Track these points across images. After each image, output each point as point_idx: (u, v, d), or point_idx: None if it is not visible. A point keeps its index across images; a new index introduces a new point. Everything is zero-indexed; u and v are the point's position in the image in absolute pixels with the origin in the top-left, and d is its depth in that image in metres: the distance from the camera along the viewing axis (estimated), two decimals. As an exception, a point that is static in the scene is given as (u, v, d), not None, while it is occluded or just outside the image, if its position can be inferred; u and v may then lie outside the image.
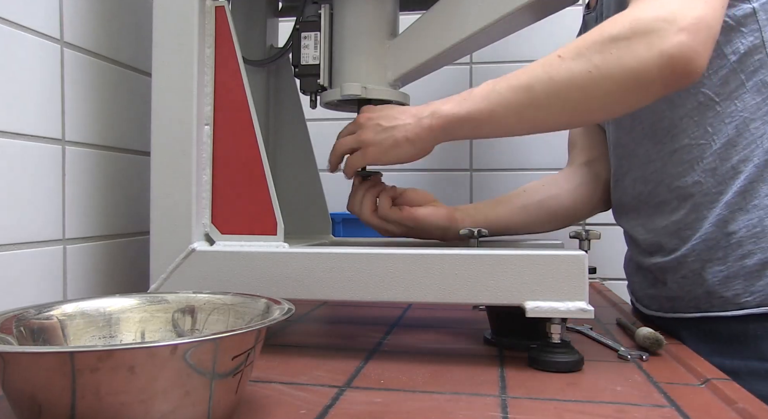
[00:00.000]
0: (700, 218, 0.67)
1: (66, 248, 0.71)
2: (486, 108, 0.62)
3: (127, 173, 0.83)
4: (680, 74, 0.56)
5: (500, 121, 0.62)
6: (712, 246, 0.66)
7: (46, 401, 0.36)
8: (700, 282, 0.68)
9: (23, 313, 0.46)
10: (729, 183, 0.65)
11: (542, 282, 0.56)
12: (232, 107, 0.66)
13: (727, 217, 0.65)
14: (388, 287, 0.59)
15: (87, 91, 0.75)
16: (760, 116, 0.64)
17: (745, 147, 0.65)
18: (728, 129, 0.65)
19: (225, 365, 0.39)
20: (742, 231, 0.65)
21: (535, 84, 0.60)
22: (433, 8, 0.72)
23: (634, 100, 0.60)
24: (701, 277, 0.67)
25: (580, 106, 0.60)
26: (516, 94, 0.61)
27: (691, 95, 0.67)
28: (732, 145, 0.65)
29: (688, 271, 0.68)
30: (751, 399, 0.48)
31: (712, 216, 0.66)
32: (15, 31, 0.63)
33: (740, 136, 0.65)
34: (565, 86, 0.59)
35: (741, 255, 0.65)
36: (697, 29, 0.56)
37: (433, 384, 0.53)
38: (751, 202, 0.64)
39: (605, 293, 1.05)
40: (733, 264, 0.65)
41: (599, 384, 0.53)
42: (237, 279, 0.62)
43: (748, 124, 0.64)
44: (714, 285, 0.66)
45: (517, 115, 0.62)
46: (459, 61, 1.23)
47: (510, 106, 0.61)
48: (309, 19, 0.77)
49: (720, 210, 0.66)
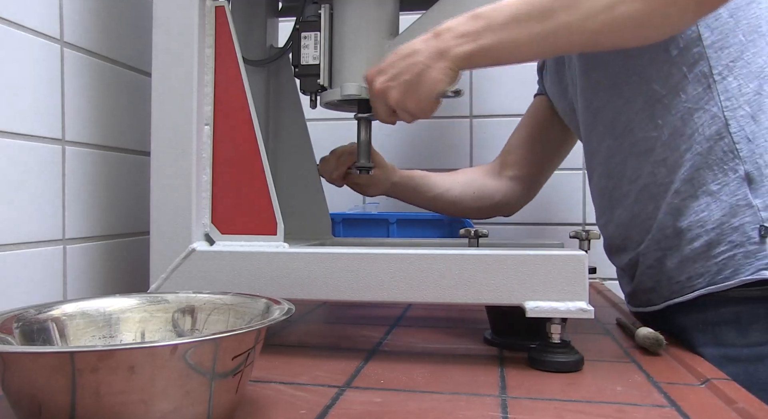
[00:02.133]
0: (656, 208, 0.69)
1: (66, 248, 0.71)
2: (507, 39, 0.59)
3: (127, 173, 0.83)
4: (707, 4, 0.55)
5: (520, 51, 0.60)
6: (668, 235, 0.69)
7: (46, 401, 0.36)
8: (662, 271, 0.70)
9: (23, 313, 0.46)
10: (677, 171, 0.67)
11: (542, 282, 0.56)
12: (232, 107, 0.66)
13: (678, 205, 0.67)
14: (388, 287, 0.59)
15: (87, 91, 0.75)
16: (701, 105, 0.66)
17: (689, 136, 0.67)
18: (674, 120, 0.67)
19: (225, 365, 0.39)
20: (691, 217, 0.67)
21: (558, 7, 0.57)
22: (433, 8, 0.72)
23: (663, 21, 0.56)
24: (663, 265, 0.70)
25: (606, 28, 0.57)
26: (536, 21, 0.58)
27: (642, 91, 0.69)
28: (679, 134, 0.67)
29: (652, 261, 0.71)
30: (751, 399, 0.48)
31: (665, 205, 0.69)
32: (15, 30, 0.63)
33: (685, 125, 0.67)
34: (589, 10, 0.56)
35: (690, 239, 0.67)
36: None
37: (433, 384, 0.53)
38: (699, 188, 0.66)
39: (605, 293, 1.05)
40: (684, 248, 0.67)
41: (599, 384, 0.53)
42: (237, 279, 0.62)
43: (692, 114, 0.67)
44: (671, 271, 0.69)
45: (540, 42, 0.59)
46: (459, 61, 1.23)
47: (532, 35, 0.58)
48: (309, 19, 0.77)
49: (671, 198, 0.68)
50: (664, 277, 0.70)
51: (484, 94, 1.29)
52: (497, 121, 1.26)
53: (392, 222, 1.14)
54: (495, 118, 1.27)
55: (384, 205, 1.22)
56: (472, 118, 1.29)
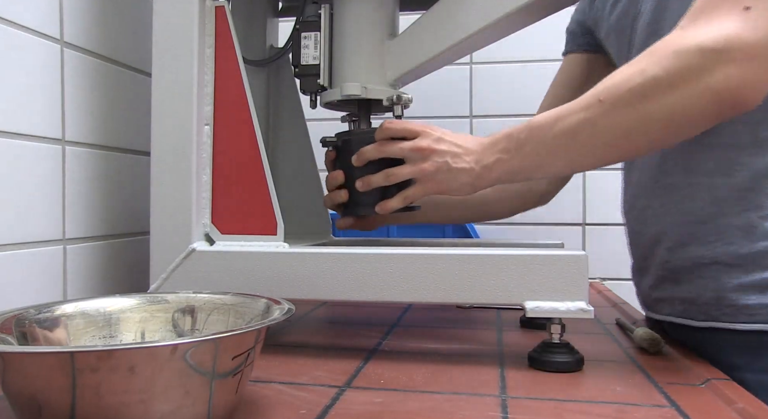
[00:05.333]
0: (721, 215, 0.61)
1: (66, 248, 0.71)
2: (536, 161, 0.62)
3: (127, 173, 0.83)
4: (730, 108, 0.53)
5: (548, 169, 0.63)
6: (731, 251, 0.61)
7: (46, 401, 0.36)
8: (714, 287, 0.62)
9: (23, 313, 0.46)
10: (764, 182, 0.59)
11: (542, 282, 0.56)
12: (232, 107, 0.66)
13: (754, 222, 0.60)
14: (388, 287, 0.59)
15: (87, 91, 0.75)
16: None
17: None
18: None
19: (225, 365, 0.39)
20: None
21: (580, 132, 0.58)
22: (433, 8, 0.72)
23: (681, 135, 0.58)
24: (717, 281, 0.62)
25: (625, 148, 0.59)
26: (563, 142, 0.60)
27: None
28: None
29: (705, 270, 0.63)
30: (751, 399, 0.48)
31: (736, 216, 0.61)
32: (15, 31, 0.63)
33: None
34: (609, 133, 0.57)
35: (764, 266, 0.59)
36: (752, 56, 0.51)
37: (433, 384, 0.53)
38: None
39: (605, 293, 1.05)
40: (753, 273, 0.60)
41: (599, 384, 0.53)
42: (237, 279, 0.62)
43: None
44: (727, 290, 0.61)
45: (564, 161, 0.61)
46: (459, 61, 1.23)
47: (558, 156, 0.61)
48: (309, 19, 0.77)
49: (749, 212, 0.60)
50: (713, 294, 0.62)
51: (484, 94, 1.29)
52: (497, 121, 1.26)
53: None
54: (495, 118, 1.27)
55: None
56: (472, 118, 1.29)
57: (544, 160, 0.61)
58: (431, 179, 0.66)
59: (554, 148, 0.60)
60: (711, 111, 0.54)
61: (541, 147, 0.61)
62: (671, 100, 0.54)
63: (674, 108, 0.54)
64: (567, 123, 0.59)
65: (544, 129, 0.61)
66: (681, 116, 0.55)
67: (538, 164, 0.62)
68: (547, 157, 0.61)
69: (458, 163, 0.65)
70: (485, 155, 0.64)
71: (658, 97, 0.54)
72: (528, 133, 0.62)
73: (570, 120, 0.59)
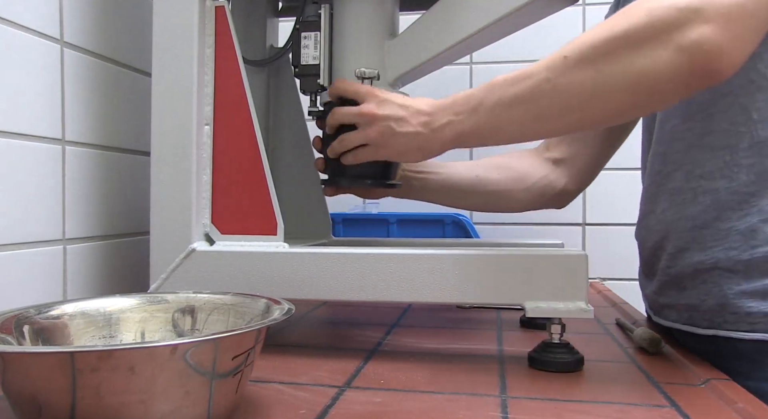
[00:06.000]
0: (722, 219, 0.60)
1: (66, 248, 0.71)
2: (492, 123, 0.58)
3: (127, 173, 0.83)
4: (700, 74, 0.49)
5: (504, 134, 0.59)
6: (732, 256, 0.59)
7: (46, 401, 0.36)
8: (716, 294, 0.61)
9: (23, 313, 0.46)
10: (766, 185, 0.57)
11: (542, 282, 0.56)
12: (232, 107, 0.66)
13: (755, 226, 0.58)
14: (388, 287, 0.59)
15: (87, 91, 0.75)
16: None
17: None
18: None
19: (225, 365, 0.39)
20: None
21: (539, 97, 0.55)
22: (433, 8, 0.72)
23: (647, 104, 0.54)
24: (719, 287, 0.60)
25: (586, 112, 0.54)
26: (520, 107, 0.56)
27: (742, 70, 0.53)
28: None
29: (707, 276, 0.62)
30: (751, 399, 0.48)
31: (737, 221, 0.59)
32: (15, 31, 0.63)
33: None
34: (568, 94, 0.53)
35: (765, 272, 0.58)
36: (729, 20, 0.47)
37: (433, 384, 0.53)
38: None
39: (605, 293, 1.05)
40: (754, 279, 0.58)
41: (599, 384, 0.53)
42: (237, 279, 0.62)
43: None
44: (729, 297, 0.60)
45: (520, 125, 0.58)
46: (459, 61, 1.23)
47: (514, 120, 0.57)
48: (309, 19, 0.77)
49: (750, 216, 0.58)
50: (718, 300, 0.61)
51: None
52: (497, 121, 1.26)
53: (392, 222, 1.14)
54: (495, 118, 1.27)
55: (384, 204, 1.22)
56: (472, 118, 1.29)
57: (500, 123, 0.57)
58: (379, 144, 0.65)
59: (511, 109, 0.56)
60: (680, 76, 0.49)
61: (499, 108, 0.56)
62: (637, 60, 0.50)
63: (640, 69, 0.50)
64: (528, 83, 0.55)
65: (504, 87, 0.56)
66: (646, 79, 0.50)
67: (494, 127, 0.57)
68: (503, 119, 0.57)
69: (403, 126, 0.62)
70: (437, 117, 0.61)
71: (622, 55, 0.50)
72: (486, 93, 0.58)
73: (532, 80, 0.55)
